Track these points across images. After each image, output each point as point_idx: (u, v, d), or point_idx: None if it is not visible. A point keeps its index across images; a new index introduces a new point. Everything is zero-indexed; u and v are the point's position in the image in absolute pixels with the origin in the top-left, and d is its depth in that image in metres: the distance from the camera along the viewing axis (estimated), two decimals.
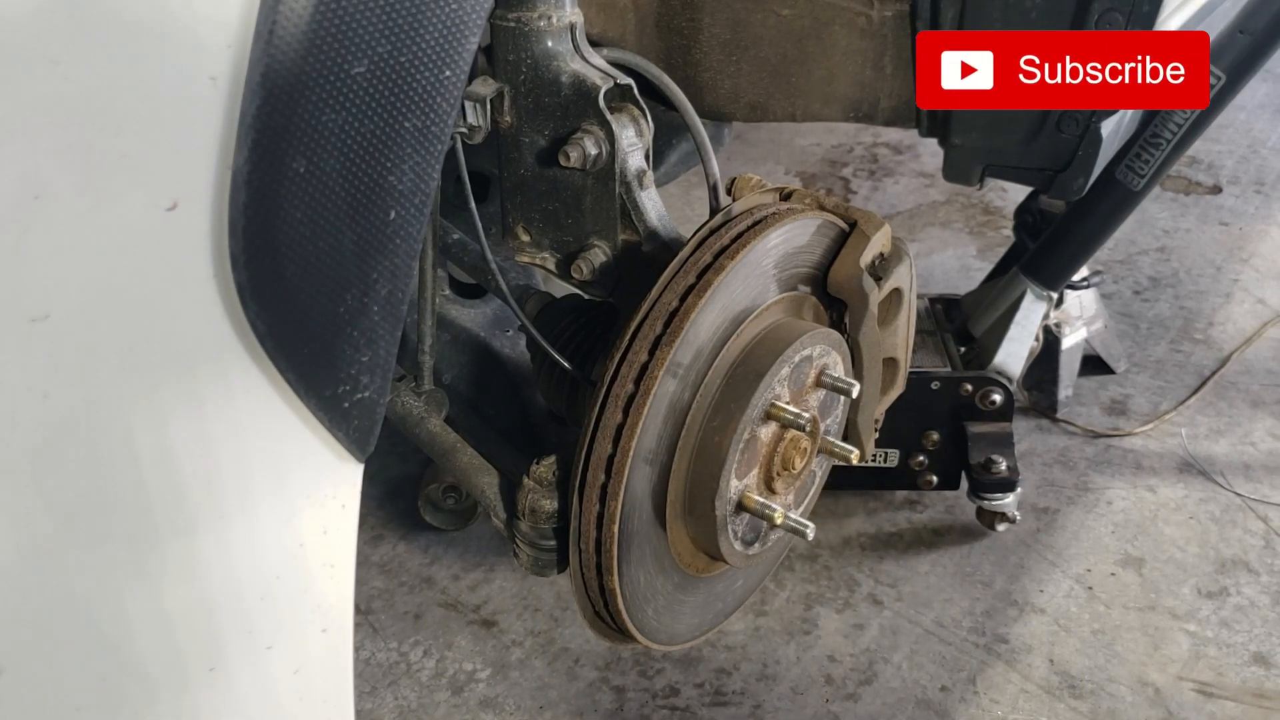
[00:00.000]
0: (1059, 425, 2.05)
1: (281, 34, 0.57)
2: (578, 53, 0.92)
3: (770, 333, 0.93)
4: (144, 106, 0.56)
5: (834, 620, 1.64)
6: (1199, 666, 1.54)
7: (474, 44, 0.68)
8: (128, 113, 0.56)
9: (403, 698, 1.52)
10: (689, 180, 1.90)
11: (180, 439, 0.64)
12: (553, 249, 1.00)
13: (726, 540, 0.93)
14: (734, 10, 1.31)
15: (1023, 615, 1.64)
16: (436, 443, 1.02)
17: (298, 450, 0.71)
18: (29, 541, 0.61)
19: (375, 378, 0.72)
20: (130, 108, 0.55)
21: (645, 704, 1.50)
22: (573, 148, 0.89)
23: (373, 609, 1.67)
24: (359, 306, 0.68)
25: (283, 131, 0.59)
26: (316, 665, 0.80)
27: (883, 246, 1.02)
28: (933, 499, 1.87)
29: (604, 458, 0.85)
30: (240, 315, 0.62)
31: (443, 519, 1.78)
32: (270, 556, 0.72)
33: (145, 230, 0.58)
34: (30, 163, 0.54)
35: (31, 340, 0.56)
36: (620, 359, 0.85)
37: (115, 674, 0.68)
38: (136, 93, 0.56)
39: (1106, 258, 2.53)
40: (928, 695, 1.51)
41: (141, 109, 0.56)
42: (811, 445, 0.96)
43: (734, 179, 0.99)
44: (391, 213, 0.67)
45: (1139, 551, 1.76)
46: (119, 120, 0.55)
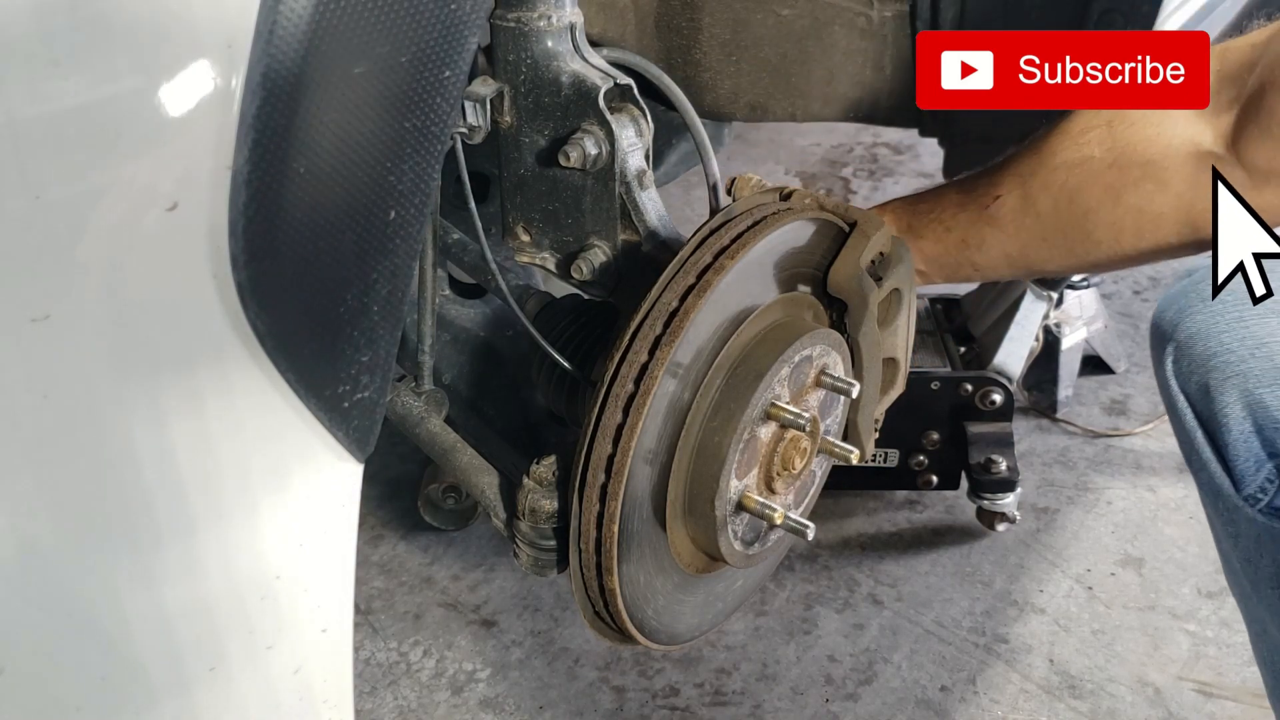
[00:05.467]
0: (1059, 425, 2.06)
1: (281, 34, 0.57)
2: (578, 53, 0.92)
3: (770, 333, 0.93)
4: (144, 106, 0.56)
5: (834, 620, 1.64)
6: (1199, 666, 1.54)
7: (474, 44, 0.68)
8: (127, 113, 0.56)
9: (403, 698, 1.52)
10: (689, 180, 1.90)
11: (180, 439, 0.64)
12: (553, 249, 1.00)
13: (726, 540, 0.93)
14: (734, 10, 1.31)
15: (1023, 615, 1.64)
16: (436, 443, 1.02)
17: (298, 450, 0.71)
18: (29, 541, 0.61)
19: (375, 378, 0.72)
20: (130, 108, 0.56)
21: (645, 704, 1.50)
22: (573, 148, 0.89)
23: (373, 609, 1.67)
24: (359, 306, 0.68)
25: (283, 131, 0.59)
26: (316, 665, 0.80)
27: (883, 246, 1.02)
28: (933, 499, 1.87)
29: (604, 458, 0.85)
30: (240, 315, 0.62)
31: (443, 519, 1.78)
32: (270, 556, 0.73)
33: (145, 230, 0.58)
34: (30, 163, 0.54)
35: (31, 340, 0.56)
36: (620, 359, 0.85)
37: (115, 674, 0.68)
38: (136, 93, 0.56)
39: None
40: (927, 695, 1.51)
41: (141, 109, 0.56)
42: (811, 445, 0.96)
43: (734, 179, 0.99)
44: (391, 213, 0.68)
45: (1139, 551, 1.76)
46: (119, 120, 0.55)
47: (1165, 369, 0.92)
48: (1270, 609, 0.92)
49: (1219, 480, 0.89)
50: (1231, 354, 0.86)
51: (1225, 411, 0.86)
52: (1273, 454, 0.85)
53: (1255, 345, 0.85)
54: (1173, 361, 0.91)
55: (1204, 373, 0.87)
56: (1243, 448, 0.86)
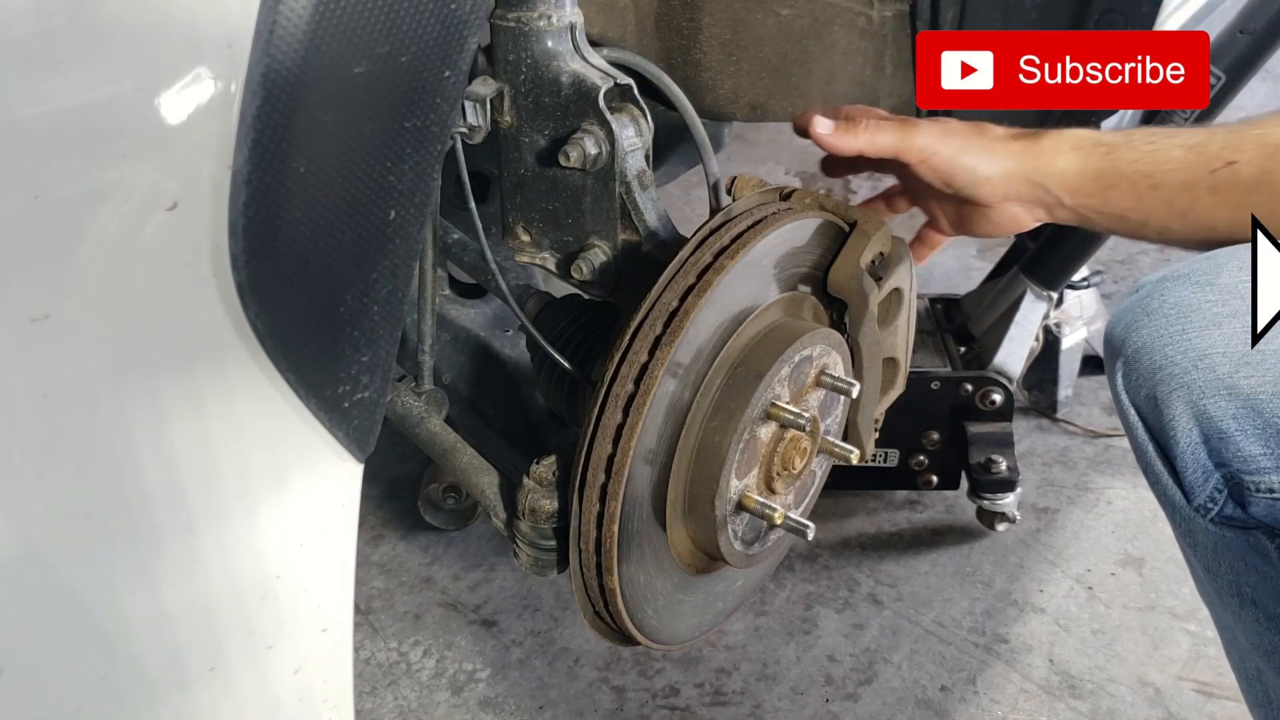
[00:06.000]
0: (1059, 425, 2.05)
1: (281, 34, 0.57)
2: (578, 53, 0.92)
3: (770, 333, 0.93)
4: (143, 107, 0.56)
5: (834, 620, 1.64)
6: (1199, 666, 1.54)
7: (474, 44, 0.68)
8: (127, 112, 0.56)
9: (403, 698, 1.52)
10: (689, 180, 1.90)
11: (180, 439, 0.64)
12: (553, 249, 1.00)
13: (726, 540, 0.93)
14: (734, 10, 1.31)
15: (1023, 615, 1.64)
16: (436, 443, 1.02)
17: (298, 450, 0.71)
18: (29, 541, 0.61)
19: (375, 378, 0.72)
20: (130, 108, 0.56)
21: (645, 704, 1.50)
22: (573, 148, 0.89)
23: (373, 609, 1.67)
24: (359, 306, 0.68)
25: (283, 131, 0.59)
26: (316, 665, 0.80)
27: (883, 246, 1.02)
28: (933, 499, 1.87)
29: (604, 458, 0.85)
30: (240, 315, 0.62)
31: (443, 519, 1.78)
32: (270, 556, 0.73)
33: (145, 230, 0.58)
34: (30, 163, 0.54)
35: (31, 340, 0.56)
36: (620, 359, 0.85)
37: (115, 674, 0.68)
38: (136, 93, 0.56)
39: (1106, 258, 2.53)
40: (928, 695, 1.51)
41: (141, 109, 0.56)
42: (811, 445, 0.96)
43: (734, 179, 0.99)
44: (391, 213, 0.68)
45: (1139, 551, 1.76)
46: (119, 120, 0.55)
47: (1116, 382, 0.92)
48: (1235, 616, 0.92)
49: (1171, 491, 0.89)
50: (1176, 366, 0.85)
51: (1173, 424, 0.86)
52: (1219, 464, 0.85)
53: (1198, 357, 0.85)
54: (1122, 376, 0.91)
55: (1151, 385, 0.87)
56: (1190, 459, 0.86)
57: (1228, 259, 0.89)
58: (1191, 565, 0.99)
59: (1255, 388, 0.83)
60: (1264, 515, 0.84)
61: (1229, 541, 0.88)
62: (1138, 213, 1.00)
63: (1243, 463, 0.83)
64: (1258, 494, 0.84)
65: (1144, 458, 0.92)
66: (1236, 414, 0.83)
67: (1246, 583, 0.89)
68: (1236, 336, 0.84)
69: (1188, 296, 0.88)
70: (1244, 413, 0.83)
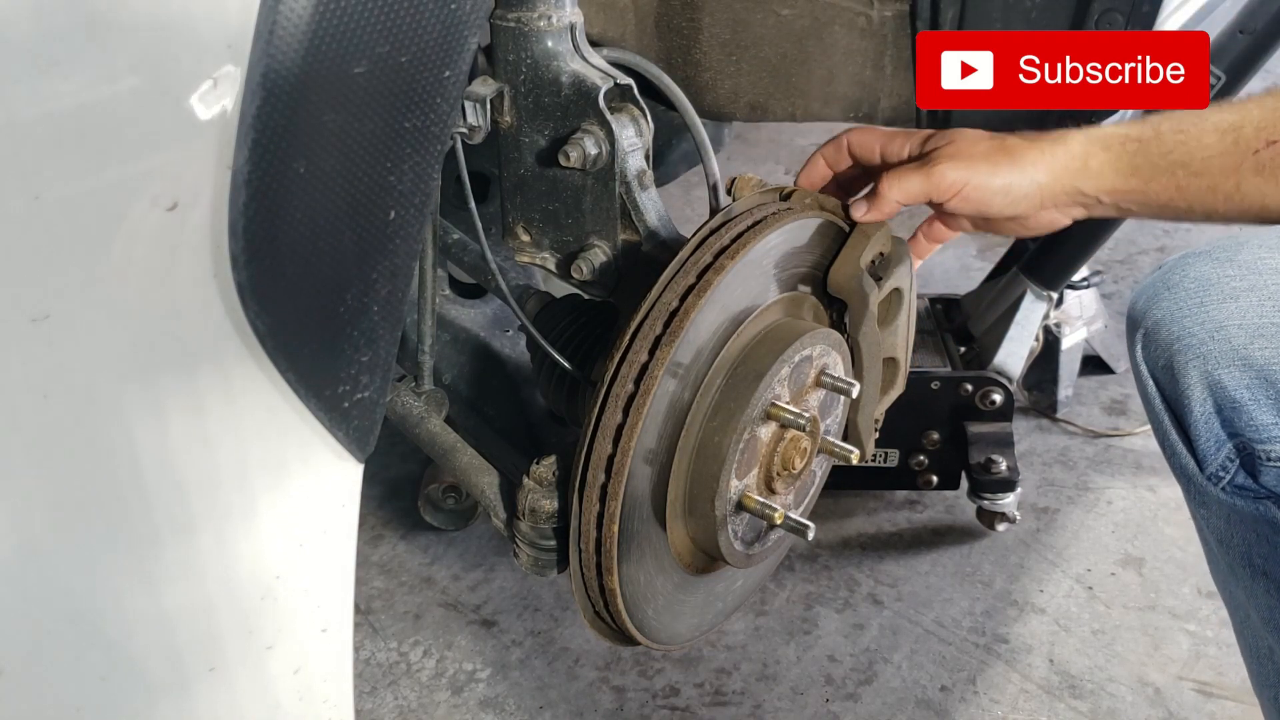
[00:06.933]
0: (1059, 425, 2.06)
1: (281, 34, 0.57)
2: (578, 53, 0.92)
3: (770, 333, 0.93)
4: (143, 106, 0.56)
5: (834, 620, 1.64)
6: (1199, 666, 1.54)
7: (474, 44, 0.68)
8: (127, 113, 0.56)
9: (403, 698, 1.52)
10: (689, 180, 1.90)
11: (180, 439, 0.64)
12: (553, 249, 1.00)
13: (726, 540, 0.93)
14: (734, 10, 1.31)
15: (1023, 615, 1.64)
16: (436, 443, 1.02)
17: (297, 450, 0.71)
18: (29, 541, 0.61)
19: (375, 378, 0.72)
20: (130, 108, 0.56)
21: (645, 704, 1.50)
22: (573, 148, 0.89)
23: (373, 609, 1.67)
24: (359, 306, 0.68)
25: (283, 131, 0.59)
26: (316, 665, 0.80)
27: (883, 246, 1.02)
28: (933, 499, 1.87)
29: (604, 458, 0.85)
30: (240, 315, 0.63)
31: (443, 519, 1.78)
32: (270, 556, 0.73)
33: (145, 230, 0.58)
34: (30, 163, 0.54)
35: (31, 340, 0.56)
36: (620, 359, 0.85)
37: (115, 674, 0.68)
38: (136, 93, 0.56)
39: (1106, 258, 2.53)
40: (928, 695, 1.51)
41: (141, 109, 0.56)
42: (811, 445, 0.96)
43: (734, 179, 0.99)
44: (391, 213, 0.68)
45: (1139, 551, 1.76)
46: (118, 120, 0.55)
47: (1136, 353, 0.95)
48: (1247, 591, 0.93)
49: (1185, 460, 0.92)
50: (1193, 337, 0.88)
51: (1188, 393, 0.88)
52: (1232, 433, 0.87)
53: (1215, 328, 0.87)
54: (1142, 347, 0.94)
55: (1168, 355, 0.90)
56: (1204, 428, 0.88)
57: (1249, 237, 0.91)
58: (1205, 540, 1.01)
59: (1269, 359, 0.84)
60: (1275, 485, 0.86)
61: (1240, 511, 0.89)
62: (1181, 200, 0.98)
63: (1255, 432, 0.85)
64: (1269, 463, 0.86)
65: (1160, 428, 0.94)
66: (1250, 384, 0.85)
67: (1258, 553, 0.90)
68: (1253, 310, 0.86)
69: (1208, 272, 0.90)
70: (1257, 383, 0.85)
